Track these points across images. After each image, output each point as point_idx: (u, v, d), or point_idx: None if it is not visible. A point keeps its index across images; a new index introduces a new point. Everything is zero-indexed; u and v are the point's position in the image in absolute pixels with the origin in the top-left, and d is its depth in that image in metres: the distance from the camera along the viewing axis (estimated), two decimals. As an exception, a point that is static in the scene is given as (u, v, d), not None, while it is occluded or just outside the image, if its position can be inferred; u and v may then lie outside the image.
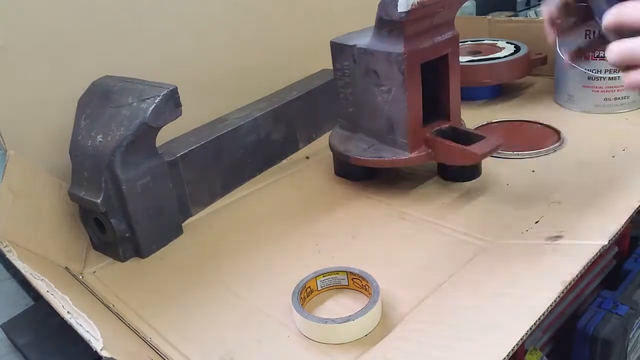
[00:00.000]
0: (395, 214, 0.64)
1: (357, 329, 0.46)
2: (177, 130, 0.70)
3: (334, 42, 0.69)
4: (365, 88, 0.67)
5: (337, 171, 0.76)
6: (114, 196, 0.59)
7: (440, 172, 0.71)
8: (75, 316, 0.41)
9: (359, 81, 0.67)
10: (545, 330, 0.57)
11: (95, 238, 0.63)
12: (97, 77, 0.64)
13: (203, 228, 0.67)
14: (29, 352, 0.54)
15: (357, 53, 0.66)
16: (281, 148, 0.82)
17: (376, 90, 0.65)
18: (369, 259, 0.56)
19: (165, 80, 0.61)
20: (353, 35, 0.68)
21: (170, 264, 0.61)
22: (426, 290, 0.51)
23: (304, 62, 0.93)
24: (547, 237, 0.52)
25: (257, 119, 0.76)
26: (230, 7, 0.82)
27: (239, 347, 0.47)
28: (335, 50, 0.69)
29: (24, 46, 0.62)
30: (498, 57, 0.90)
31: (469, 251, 0.55)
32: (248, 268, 0.58)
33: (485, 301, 0.46)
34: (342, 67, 0.69)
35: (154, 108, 0.57)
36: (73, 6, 0.65)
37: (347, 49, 0.67)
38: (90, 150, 0.59)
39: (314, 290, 0.52)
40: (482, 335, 0.42)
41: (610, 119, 0.81)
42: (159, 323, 0.52)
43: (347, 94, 0.70)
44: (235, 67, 0.84)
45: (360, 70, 0.66)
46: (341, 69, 0.69)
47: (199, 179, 0.69)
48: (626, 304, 0.60)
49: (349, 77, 0.68)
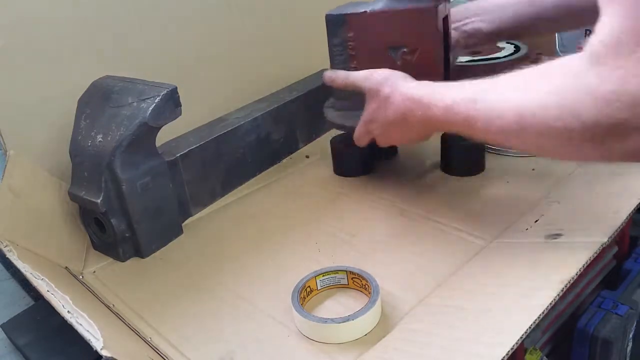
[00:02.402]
0: (395, 211, 0.64)
1: (357, 329, 0.46)
2: (177, 130, 0.70)
3: (332, 15, 0.65)
4: (377, 56, 0.64)
5: (336, 170, 0.76)
6: (114, 196, 0.59)
7: (443, 166, 0.71)
8: (76, 316, 0.42)
9: (369, 50, 0.65)
10: (545, 330, 0.57)
11: (95, 238, 0.63)
12: (97, 77, 0.64)
13: (203, 228, 0.67)
14: (29, 352, 0.54)
15: (369, 19, 0.63)
16: (281, 148, 0.82)
17: (395, 54, 0.64)
18: (369, 258, 0.56)
19: (165, 80, 0.61)
20: (348, 7, 0.66)
21: (170, 264, 0.61)
22: (426, 289, 0.51)
23: (304, 62, 0.93)
24: (546, 236, 0.52)
25: (257, 119, 0.77)
26: (230, 7, 0.82)
27: (239, 347, 0.47)
28: (334, 24, 0.65)
29: (24, 46, 0.62)
30: (498, 57, 0.89)
31: (469, 250, 0.55)
32: (248, 268, 0.58)
33: (484, 300, 0.46)
34: (343, 40, 0.65)
35: (154, 108, 0.57)
36: (73, 6, 0.65)
37: (353, 18, 0.64)
38: (90, 150, 0.59)
39: (313, 290, 0.52)
40: (482, 335, 0.42)
41: (610, 118, 0.81)
42: (159, 323, 0.52)
43: (350, 69, 0.66)
44: (235, 67, 0.84)
45: (370, 37, 0.64)
46: (341, 43, 0.66)
47: (199, 179, 0.69)
48: (626, 304, 0.60)
49: (353, 50, 0.65)
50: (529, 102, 0.42)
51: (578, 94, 0.38)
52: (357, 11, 0.64)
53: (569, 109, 0.39)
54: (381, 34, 0.64)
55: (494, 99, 0.46)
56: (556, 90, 0.40)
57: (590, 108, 0.37)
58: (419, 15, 0.62)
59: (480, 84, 0.48)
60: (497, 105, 0.45)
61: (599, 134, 0.38)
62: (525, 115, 0.42)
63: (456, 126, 0.49)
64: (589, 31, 0.77)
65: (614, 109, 0.36)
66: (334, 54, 0.67)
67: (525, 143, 0.44)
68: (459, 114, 0.48)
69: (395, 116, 0.56)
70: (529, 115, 0.42)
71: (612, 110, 0.36)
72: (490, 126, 0.45)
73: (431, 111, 0.51)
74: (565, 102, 0.39)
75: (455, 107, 0.49)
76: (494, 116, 0.45)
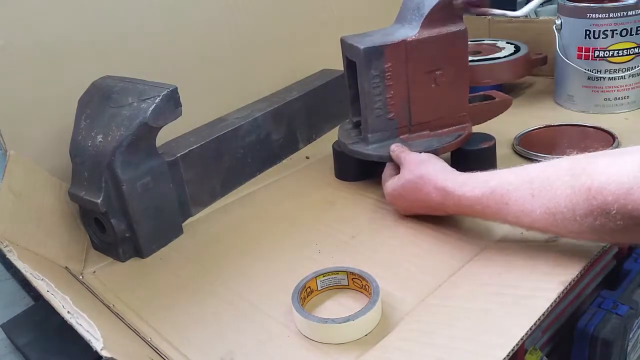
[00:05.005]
0: (394, 213, 0.64)
1: (357, 329, 0.46)
2: (177, 130, 0.70)
3: (369, 48, 0.63)
4: (414, 82, 0.65)
5: (337, 174, 0.76)
6: (114, 196, 0.59)
7: (454, 164, 0.71)
8: (76, 316, 0.41)
9: (406, 78, 0.65)
10: (545, 330, 0.57)
11: (96, 238, 0.63)
12: (97, 77, 0.64)
13: (203, 228, 0.67)
14: (29, 352, 0.54)
15: (408, 48, 0.63)
16: (281, 148, 0.82)
17: (428, 77, 0.66)
18: (369, 259, 0.56)
19: (165, 80, 0.61)
20: (370, 38, 0.65)
21: (170, 264, 0.61)
22: (426, 290, 0.51)
23: (304, 62, 0.93)
24: (546, 238, 0.52)
25: (257, 119, 0.77)
26: (230, 7, 0.82)
27: (239, 347, 0.47)
28: (370, 56, 0.63)
29: (24, 46, 0.62)
30: (498, 57, 0.90)
31: (469, 251, 0.55)
32: (248, 268, 0.58)
33: (485, 301, 0.46)
34: (381, 71, 0.64)
35: (154, 108, 0.57)
36: (73, 6, 0.65)
37: (391, 48, 0.63)
38: (90, 150, 0.59)
39: (314, 290, 0.52)
40: (482, 335, 0.42)
41: (610, 119, 0.81)
42: (159, 323, 0.52)
43: (387, 100, 0.66)
44: (235, 67, 0.84)
45: (409, 65, 0.64)
46: (380, 74, 0.64)
47: (199, 179, 0.69)
48: (626, 304, 0.60)
49: (391, 80, 0.65)
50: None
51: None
52: (393, 41, 0.63)
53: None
54: (419, 60, 0.65)
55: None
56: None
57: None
58: (455, 39, 0.64)
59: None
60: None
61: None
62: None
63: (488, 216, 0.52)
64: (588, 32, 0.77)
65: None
66: (371, 86, 0.65)
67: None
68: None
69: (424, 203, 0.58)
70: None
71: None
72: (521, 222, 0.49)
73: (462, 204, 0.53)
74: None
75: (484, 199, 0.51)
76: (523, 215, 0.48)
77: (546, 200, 0.45)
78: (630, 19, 0.77)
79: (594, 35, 0.80)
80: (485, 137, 0.70)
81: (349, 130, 0.73)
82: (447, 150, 0.67)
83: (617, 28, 0.78)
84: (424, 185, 0.57)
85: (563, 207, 0.44)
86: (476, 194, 0.51)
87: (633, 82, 0.82)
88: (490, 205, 0.50)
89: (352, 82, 0.68)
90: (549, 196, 0.45)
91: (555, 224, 0.45)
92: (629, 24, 0.78)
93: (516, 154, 0.74)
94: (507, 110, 0.75)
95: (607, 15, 0.78)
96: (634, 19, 0.77)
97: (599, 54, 0.80)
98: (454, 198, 0.53)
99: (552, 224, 0.45)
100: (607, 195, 0.40)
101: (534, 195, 0.46)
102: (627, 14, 0.77)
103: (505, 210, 0.48)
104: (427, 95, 0.67)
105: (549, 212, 0.45)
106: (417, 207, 0.60)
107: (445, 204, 0.55)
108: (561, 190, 0.44)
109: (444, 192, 0.54)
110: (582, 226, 0.43)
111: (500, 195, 0.49)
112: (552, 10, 1.57)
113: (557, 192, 0.44)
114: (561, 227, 0.45)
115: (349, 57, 0.67)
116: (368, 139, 0.68)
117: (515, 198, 0.47)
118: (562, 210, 0.44)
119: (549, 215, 0.45)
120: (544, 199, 0.45)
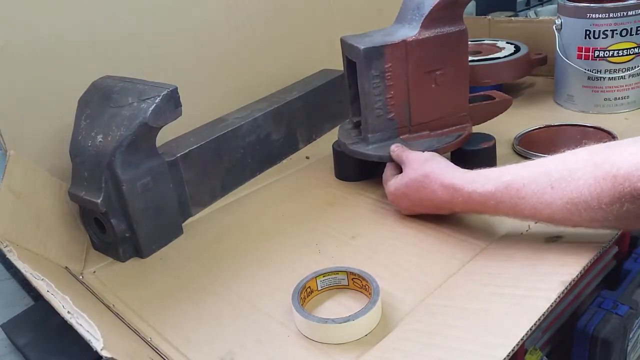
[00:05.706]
0: (395, 213, 0.64)
1: (357, 329, 0.46)
2: (177, 130, 0.70)
3: (369, 48, 0.63)
4: (414, 82, 0.65)
5: (337, 174, 0.76)
6: (114, 196, 0.59)
7: (456, 161, 0.71)
8: (76, 316, 0.41)
9: (406, 78, 0.65)
10: (545, 330, 0.57)
11: (96, 238, 0.63)
12: (97, 77, 0.64)
13: (203, 228, 0.67)
14: (29, 352, 0.54)
15: (408, 47, 0.63)
16: (281, 148, 0.82)
17: (428, 77, 0.65)
18: (369, 259, 0.56)
19: (165, 80, 0.61)
20: (369, 38, 0.65)
21: (170, 264, 0.61)
22: (426, 290, 0.51)
23: (304, 62, 0.93)
24: (547, 238, 0.52)
25: (257, 119, 0.77)
26: (230, 7, 0.82)
27: (239, 347, 0.47)
28: (370, 56, 0.63)
29: (24, 46, 0.62)
30: (498, 57, 0.90)
31: (469, 251, 0.55)
32: (248, 268, 0.58)
33: (485, 301, 0.46)
34: (381, 71, 0.64)
35: (154, 108, 0.57)
36: (73, 6, 0.66)
37: (391, 48, 0.63)
38: (90, 150, 0.59)
39: (314, 290, 0.52)
40: (482, 336, 0.42)
41: (610, 119, 0.81)
42: (159, 323, 0.52)
43: (387, 100, 0.66)
44: (235, 67, 0.84)
45: (409, 65, 0.64)
46: (380, 75, 0.64)
47: (199, 179, 0.69)
48: (626, 304, 0.60)
49: (391, 80, 0.65)
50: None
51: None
52: (393, 41, 0.63)
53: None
54: (420, 60, 0.65)
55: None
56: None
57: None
58: (455, 39, 0.64)
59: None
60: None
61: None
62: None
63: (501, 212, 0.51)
64: (588, 32, 0.77)
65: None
66: (372, 86, 0.64)
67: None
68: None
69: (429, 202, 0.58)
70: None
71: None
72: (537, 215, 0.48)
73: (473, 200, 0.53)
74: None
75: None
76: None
77: (568, 191, 0.45)
78: (630, 19, 0.77)
79: (594, 35, 0.80)
80: (485, 137, 0.71)
81: (349, 130, 0.73)
82: (447, 151, 0.67)
83: (617, 28, 0.78)
84: (429, 183, 0.57)
85: (587, 196, 0.43)
86: (489, 189, 0.51)
87: (633, 82, 0.82)
88: (505, 201, 0.49)
89: (352, 82, 0.69)
90: (572, 187, 0.45)
91: (578, 213, 0.45)
92: (629, 24, 0.78)
93: (516, 154, 0.74)
94: (507, 110, 0.75)
95: (607, 15, 0.78)
96: (634, 19, 0.77)
97: (599, 54, 0.80)
98: (463, 195, 0.53)
99: (574, 214, 0.45)
100: (636, 181, 0.41)
101: (554, 187, 0.46)
102: (627, 14, 0.77)
103: (522, 205, 0.48)
104: (427, 96, 0.67)
105: (571, 202, 0.45)
106: (420, 205, 0.60)
107: (453, 201, 0.55)
108: (584, 180, 0.44)
109: (452, 190, 0.54)
110: (607, 214, 0.43)
111: (516, 190, 0.48)
112: (552, 10, 1.57)
113: (579, 182, 0.44)
114: (584, 216, 0.45)
115: (349, 57, 0.67)
116: (368, 139, 0.68)
117: (533, 191, 0.47)
118: (585, 199, 0.44)
119: (571, 205, 0.45)
120: (566, 190, 0.45)
